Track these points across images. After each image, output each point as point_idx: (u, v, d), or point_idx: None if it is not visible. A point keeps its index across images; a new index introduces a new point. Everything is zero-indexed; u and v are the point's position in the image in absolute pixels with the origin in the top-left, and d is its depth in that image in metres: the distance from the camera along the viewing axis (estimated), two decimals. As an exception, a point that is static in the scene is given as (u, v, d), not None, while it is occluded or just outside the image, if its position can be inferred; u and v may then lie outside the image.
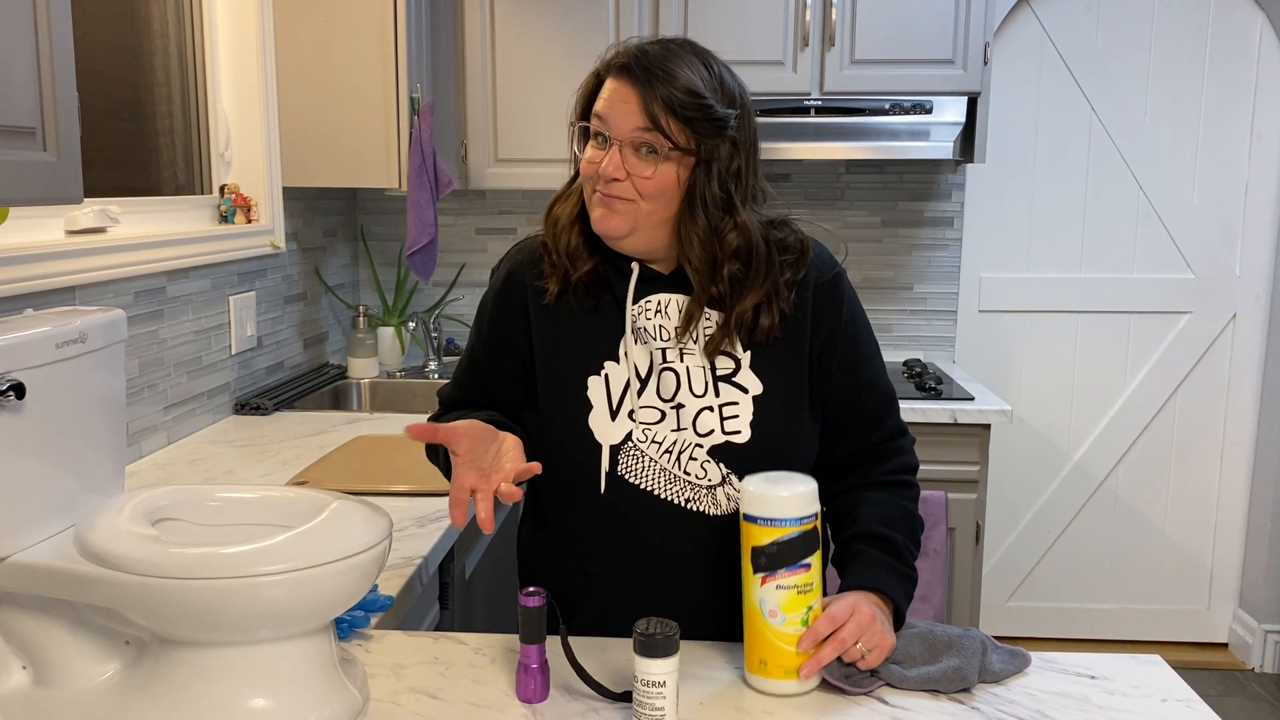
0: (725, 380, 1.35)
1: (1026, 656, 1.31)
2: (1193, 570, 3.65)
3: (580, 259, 1.38)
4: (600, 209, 1.32)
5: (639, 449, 1.34)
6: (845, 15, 2.96)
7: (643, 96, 1.28)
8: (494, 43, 3.07)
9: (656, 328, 1.37)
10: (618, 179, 1.29)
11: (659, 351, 1.36)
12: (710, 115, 1.28)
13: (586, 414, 1.35)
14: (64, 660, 1.17)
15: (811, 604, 1.19)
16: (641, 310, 1.37)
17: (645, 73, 1.28)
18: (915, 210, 3.40)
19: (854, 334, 1.42)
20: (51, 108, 1.18)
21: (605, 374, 1.36)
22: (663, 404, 1.35)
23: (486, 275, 3.50)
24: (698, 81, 1.28)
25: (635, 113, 1.28)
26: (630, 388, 1.36)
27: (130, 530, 1.15)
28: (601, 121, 1.31)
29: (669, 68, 1.28)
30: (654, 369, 1.36)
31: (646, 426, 1.34)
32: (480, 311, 1.48)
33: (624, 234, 1.33)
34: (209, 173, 2.63)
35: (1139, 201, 3.47)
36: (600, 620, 1.38)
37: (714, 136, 1.29)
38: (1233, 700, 3.32)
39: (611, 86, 1.31)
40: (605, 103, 1.31)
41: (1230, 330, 3.52)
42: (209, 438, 2.37)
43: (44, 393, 1.17)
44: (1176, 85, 3.41)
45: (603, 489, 1.35)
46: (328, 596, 1.12)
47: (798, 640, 1.19)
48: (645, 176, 1.29)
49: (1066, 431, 3.59)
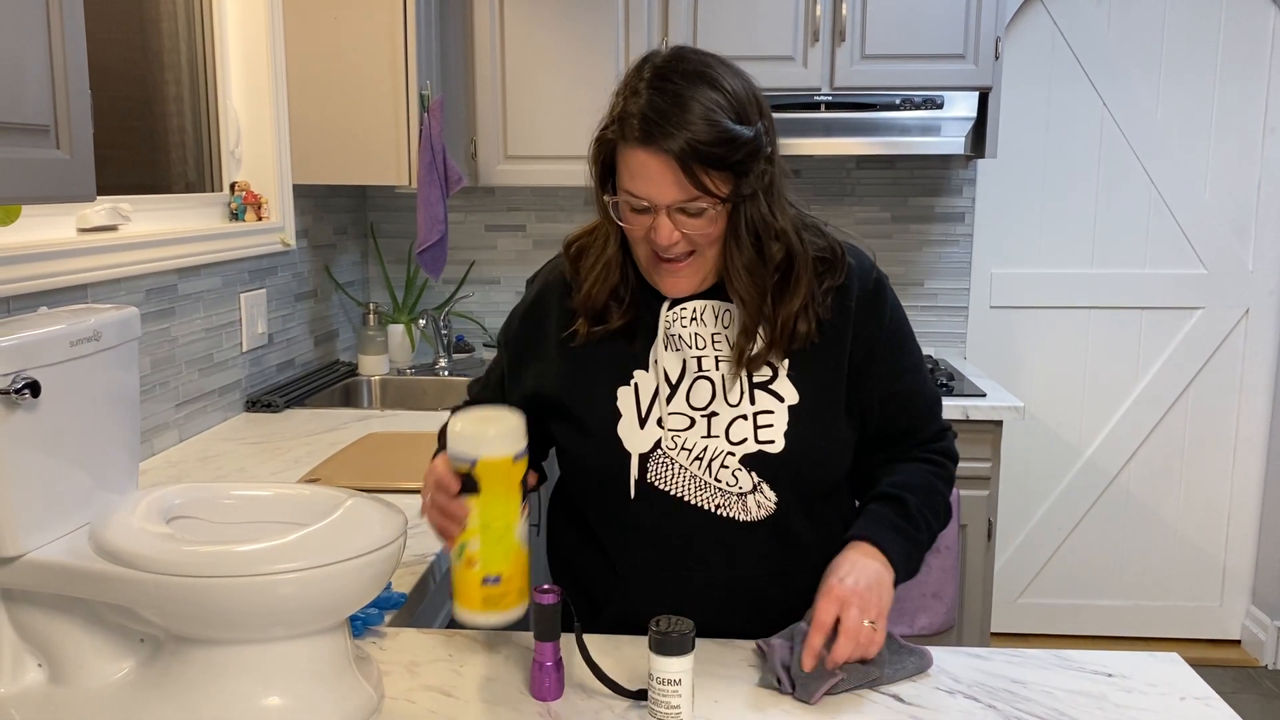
0: (762, 388, 1.33)
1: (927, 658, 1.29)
2: (1205, 566, 3.63)
3: (612, 315, 1.36)
4: (668, 277, 1.31)
5: (668, 456, 1.33)
6: (856, 10, 2.95)
7: (679, 165, 1.21)
8: (503, 39, 3.06)
9: (692, 335, 1.35)
10: (675, 242, 1.26)
11: (694, 359, 1.35)
12: (741, 147, 1.22)
13: (615, 423, 1.34)
14: (79, 658, 1.18)
15: (465, 542, 1.20)
16: (676, 317, 1.36)
17: (668, 138, 1.20)
18: (926, 206, 3.39)
19: (899, 341, 1.40)
20: (64, 106, 1.18)
21: (635, 383, 1.35)
22: (693, 411, 1.34)
23: (496, 272, 3.51)
24: (721, 118, 1.21)
25: (674, 184, 1.22)
26: (659, 395, 1.34)
27: (145, 528, 1.15)
28: (636, 198, 1.26)
29: (688, 116, 1.20)
30: (685, 375, 1.35)
31: (675, 434, 1.33)
32: (508, 326, 1.49)
33: (697, 287, 1.33)
34: (219, 170, 2.63)
35: (1151, 196, 3.45)
36: (629, 617, 1.37)
37: (750, 163, 1.24)
38: (1246, 697, 3.30)
39: (640, 160, 1.23)
40: (639, 180, 1.24)
41: (1243, 325, 3.50)
42: (220, 435, 2.37)
43: (59, 391, 1.17)
44: (1189, 80, 3.39)
45: (632, 495, 1.34)
46: (342, 594, 1.12)
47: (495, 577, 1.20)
48: (700, 232, 1.26)
49: (1078, 428, 3.58)
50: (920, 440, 1.42)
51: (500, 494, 1.18)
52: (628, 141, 1.24)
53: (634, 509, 1.34)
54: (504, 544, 1.19)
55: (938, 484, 1.40)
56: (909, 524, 1.33)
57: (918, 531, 1.34)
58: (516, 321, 1.47)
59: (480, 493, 1.18)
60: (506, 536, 1.19)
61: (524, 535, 1.22)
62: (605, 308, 1.36)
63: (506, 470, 1.18)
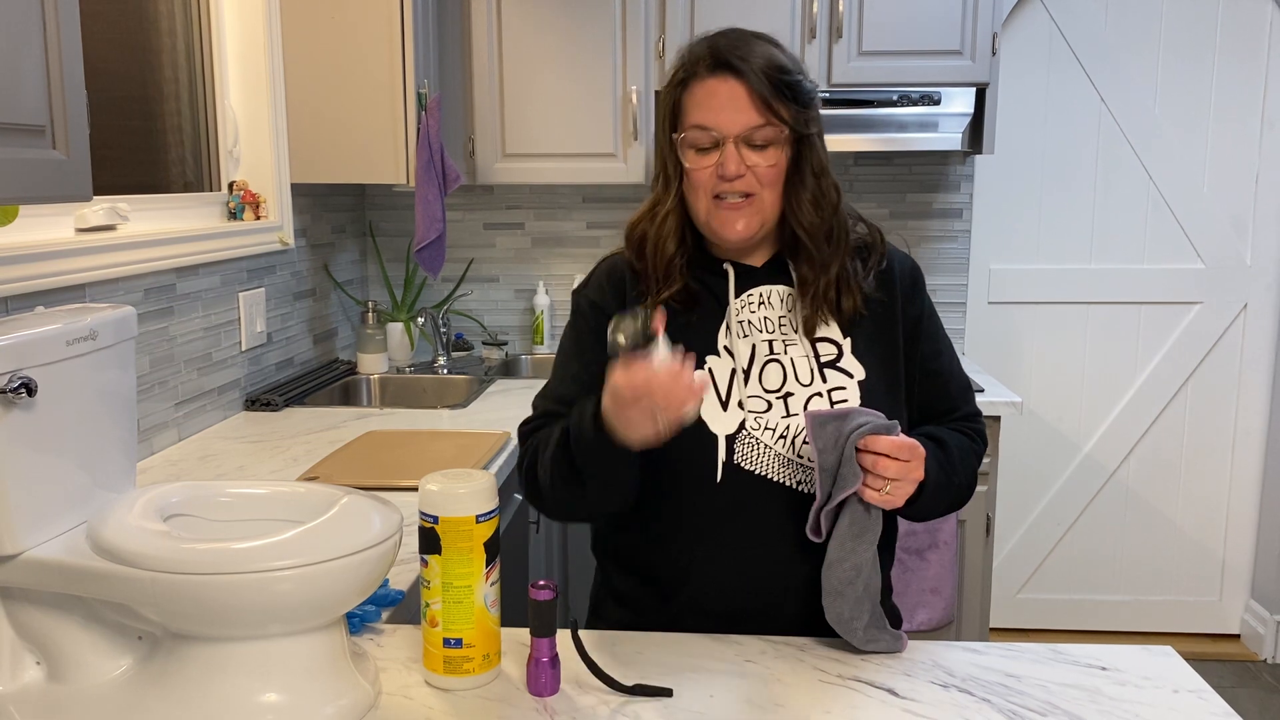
0: (830, 366, 1.37)
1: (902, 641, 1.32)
2: (1204, 561, 3.64)
3: (673, 276, 1.38)
4: (724, 215, 1.34)
5: (753, 437, 1.35)
6: (853, 6, 2.95)
7: (750, 89, 1.29)
8: (501, 38, 3.06)
9: (761, 319, 1.39)
10: (741, 175, 1.31)
11: (764, 343, 1.38)
12: (803, 88, 1.32)
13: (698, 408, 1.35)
14: (77, 655, 1.18)
15: (429, 601, 1.19)
16: (744, 304, 1.39)
17: (741, 61, 1.30)
18: (924, 202, 3.39)
19: (936, 324, 1.47)
20: (61, 106, 1.18)
21: (709, 368, 1.37)
22: (768, 394, 1.36)
23: (495, 270, 3.51)
24: (783, 58, 1.32)
25: (746, 108, 1.30)
26: (736, 378, 1.37)
27: (142, 526, 1.15)
28: (705, 130, 1.31)
29: (754, 52, 1.31)
30: (756, 360, 1.38)
31: (757, 415, 1.35)
32: (572, 328, 1.47)
33: (754, 233, 1.36)
34: (218, 170, 2.63)
35: (1149, 192, 3.45)
36: (701, 600, 1.38)
37: (809, 107, 1.33)
38: (1245, 691, 3.31)
39: (710, 88, 1.31)
40: (709, 110, 1.31)
41: (1241, 320, 3.50)
42: (220, 434, 2.38)
43: (55, 390, 1.18)
44: (1186, 75, 3.39)
45: (719, 479, 1.34)
46: (339, 591, 1.12)
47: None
48: (768, 165, 1.32)
49: (1077, 423, 3.58)
50: (954, 419, 1.46)
51: (462, 554, 1.17)
52: (698, 75, 1.32)
53: (721, 492, 1.34)
54: (464, 606, 1.18)
55: (970, 447, 1.44)
56: (942, 451, 1.36)
57: (945, 461, 1.36)
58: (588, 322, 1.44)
59: (441, 552, 1.17)
60: (467, 599, 1.18)
61: (488, 599, 1.20)
62: (670, 264, 1.38)
63: (469, 530, 1.17)
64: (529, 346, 3.53)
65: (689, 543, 1.38)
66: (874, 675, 1.24)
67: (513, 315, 3.56)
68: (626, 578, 1.46)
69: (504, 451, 2.24)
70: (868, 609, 1.29)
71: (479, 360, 3.39)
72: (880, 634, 1.30)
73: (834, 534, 1.28)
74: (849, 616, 1.28)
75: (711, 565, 1.37)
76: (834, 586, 1.28)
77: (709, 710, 1.16)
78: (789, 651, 1.30)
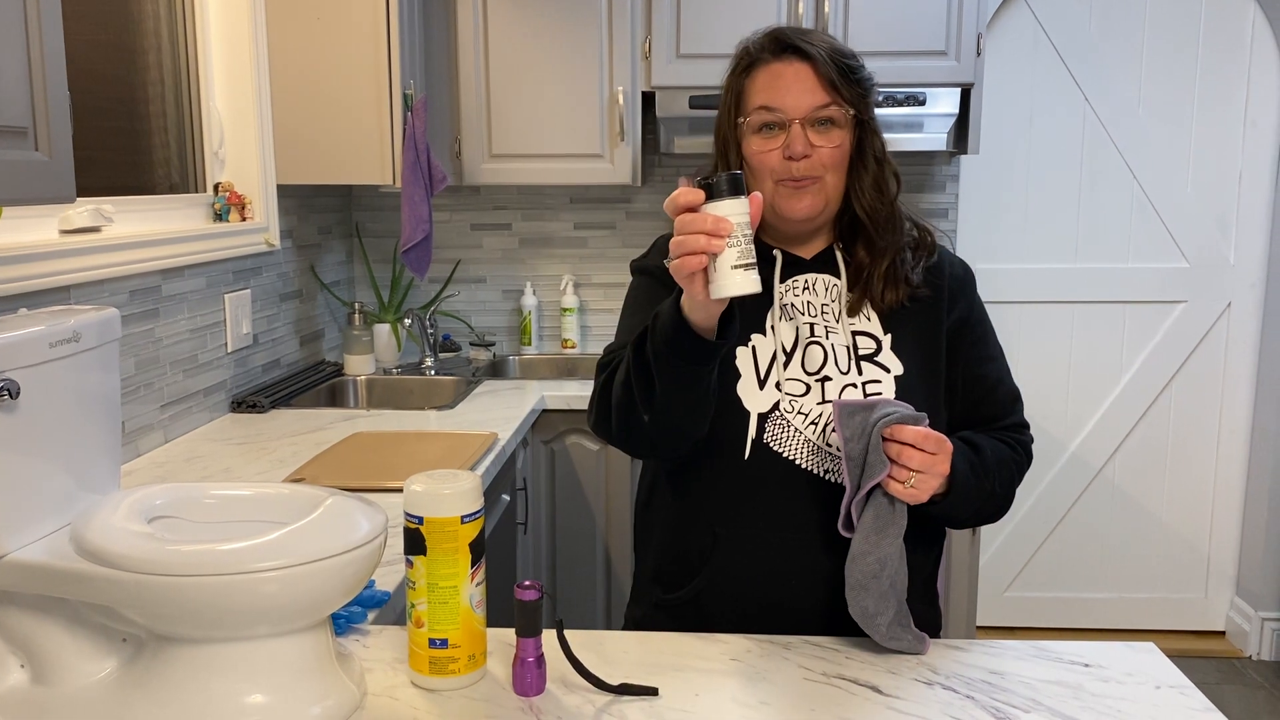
0: (868, 360, 1.39)
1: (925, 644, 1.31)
2: (1190, 559, 3.66)
3: None
4: (792, 197, 1.36)
5: (785, 419, 1.36)
6: (838, 7, 2.96)
7: (816, 70, 1.34)
8: (487, 38, 3.07)
9: (805, 304, 1.41)
10: (807, 155, 1.33)
11: (806, 326, 1.40)
12: (863, 74, 1.37)
13: (735, 382, 1.37)
14: (62, 658, 1.18)
15: (414, 601, 1.19)
16: (790, 288, 1.41)
17: (807, 45, 1.34)
18: (910, 202, 3.36)
19: (986, 328, 1.47)
20: (43, 107, 1.18)
21: (753, 345, 1.39)
22: (808, 377, 1.38)
23: (482, 271, 3.51)
24: (844, 46, 1.37)
25: (813, 88, 1.34)
26: (777, 360, 1.38)
27: (126, 528, 1.15)
28: (771, 111, 1.35)
29: (817, 38, 1.36)
30: (799, 343, 1.39)
31: (793, 398, 1.36)
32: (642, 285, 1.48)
33: (818, 212, 1.38)
34: (203, 171, 2.63)
35: (1133, 191, 3.47)
36: (722, 582, 1.38)
37: (869, 93, 1.37)
38: (1230, 688, 3.33)
39: (775, 71, 1.36)
40: (775, 92, 1.35)
41: (1225, 319, 3.52)
42: (206, 436, 2.37)
43: (38, 392, 1.17)
44: (1169, 74, 3.41)
45: (747, 455, 1.35)
46: (324, 592, 1.12)
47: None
48: (833, 146, 1.35)
49: (1063, 421, 3.60)
50: (999, 428, 1.44)
51: (447, 555, 1.17)
52: (763, 60, 1.37)
53: (747, 469, 1.35)
54: (450, 607, 1.18)
55: (1011, 457, 1.41)
56: (976, 454, 1.34)
57: (979, 465, 1.34)
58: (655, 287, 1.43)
59: (426, 553, 1.17)
60: (453, 599, 1.18)
61: (474, 600, 1.20)
62: None
63: (454, 531, 1.17)
64: (517, 347, 3.53)
65: (712, 520, 1.39)
66: (858, 673, 1.25)
67: (500, 316, 3.56)
68: (657, 560, 1.47)
69: (491, 452, 2.24)
70: (893, 605, 1.28)
71: (466, 361, 3.39)
72: (903, 633, 1.29)
73: (858, 527, 1.27)
74: (873, 612, 1.27)
75: (733, 546, 1.38)
76: (858, 580, 1.27)
77: (695, 709, 1.16)
78: (774, 650, 1.31)
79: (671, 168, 3.42)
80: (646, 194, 3.45)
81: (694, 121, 3.03)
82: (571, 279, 3.48)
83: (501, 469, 2.32)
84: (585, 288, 3.51)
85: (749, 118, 1.36)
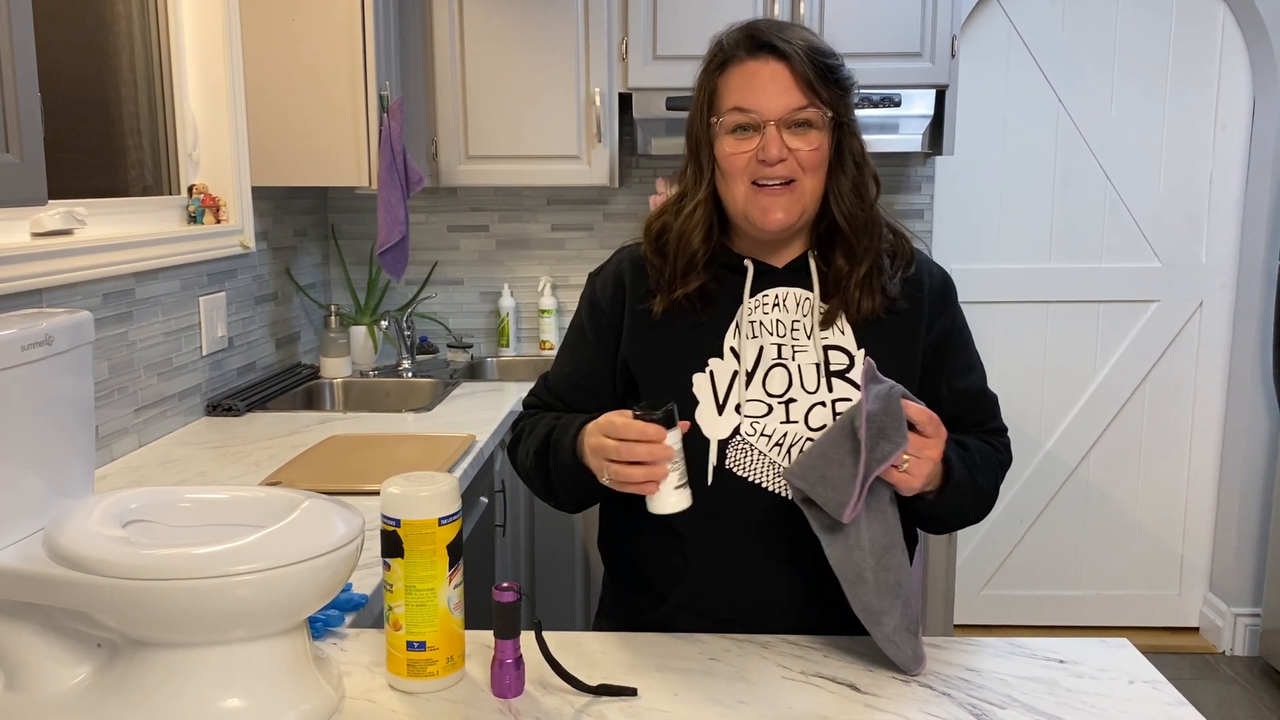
0: (839, 376, 1.35)
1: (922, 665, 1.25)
2: (1164, 556, 3.69)
3: (694, 273, 1.37)
4: (764, 202, 1.31)
5: (747, 442, 1.34)
6: (814, 9, 2.97)
7: (794, 70, 1.28)
8: (463, 39, 3.06)
9: (774, 322, 1.37)
10: (782, 159, 1.29)
11: (772, 346, 1.36)
12: (844, 73, 1.32)
13: (693, 410, 1.35)
14: (35, 664, 1.17)
15: (392, 604, 1.19)
16: (759, 304, 1.38)
17: (783, 43, 1.28)
18: (885, 203, 3.38)
19: (966, 341, 1.44)
20: (13, 109, 1.17)
21: (710, 370, 1.36)
22: (770, 398, 1.35)
23: (459, 273, 3.50)
24: (822, 44, 1.31)
25: (789, 89, 1.29)
26: (737, 380, 1.35)
27: (100, 532, 1.14)
28: (745, 112, 1.30)
29: (794, 31, 1.30)
30: (762, 363, 1.36)
31: (754, 420, 1.34)
32: (583, 317, 1.46)
33: (794, 222, 1.33)
34: (177, 173, 2.61)
35: (1106, 192, 3.50)
36: (695, 603, 1.37)
37: (848, 94, 1.33)
38: (1204, 683, 3.36)
39: (751, 70, 1.30)
40: (751, 92, 1.30)
41: (1197, 318, 3.56)
42: (181, 440, 2.35)
43: (10, 396, 1.16)
44: (1141, 77, 3.44)
45: (710, 482, 1.33)
46: (300, 595, 1.12)
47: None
48: (809, 149, 1.30)
49: (1038, 420, 3.62)
50: (982, 432, 1.44)
51: (425, 557, 1.17)
52: (738, 58, 1.31)
53: (710, 497, 1.33)
54: (428, 609, 1.18)
55: (995, 456, 1.41)
56: (967, 454, 1.34)
57: (968, 459, 1.33)
58: (601, 310, 1.44)
59: (404, 555, 1.17)
60: (430, 602, 1.18)
61: (452, 602, 1.20)
62: (692, 259, 1.36)
63: (432, 533, 1.16)
64: (494, 349, 3.52)
65: (680, 545, 1.37)
66: (836, 671, 1.25)
67: (478, 318, 3.55)
68: (626, 579, 1.46)
69: (469, 454, 2.23)
70: (899, 606, 1.23)
71: (444, 363, 3.38)
72: (909, 640, 1.23)
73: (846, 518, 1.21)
74: (878, 609, 1.22)
75: (702, 570, 1.37)
76: (854, 574, 1.22)
77: (674, 709, 1.17)
78: (752, 649, 1.31)
79: (649, 169, 3.43)
80: (624, 195, 3.45)
81: (671, 123, 3.04)
82: (549, 280, 3.48)
83: (480, 471, 2.32)
84: (563, 289, 3.51)
85: (722, 118, 1.32)
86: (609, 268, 1.47)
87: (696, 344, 1.37)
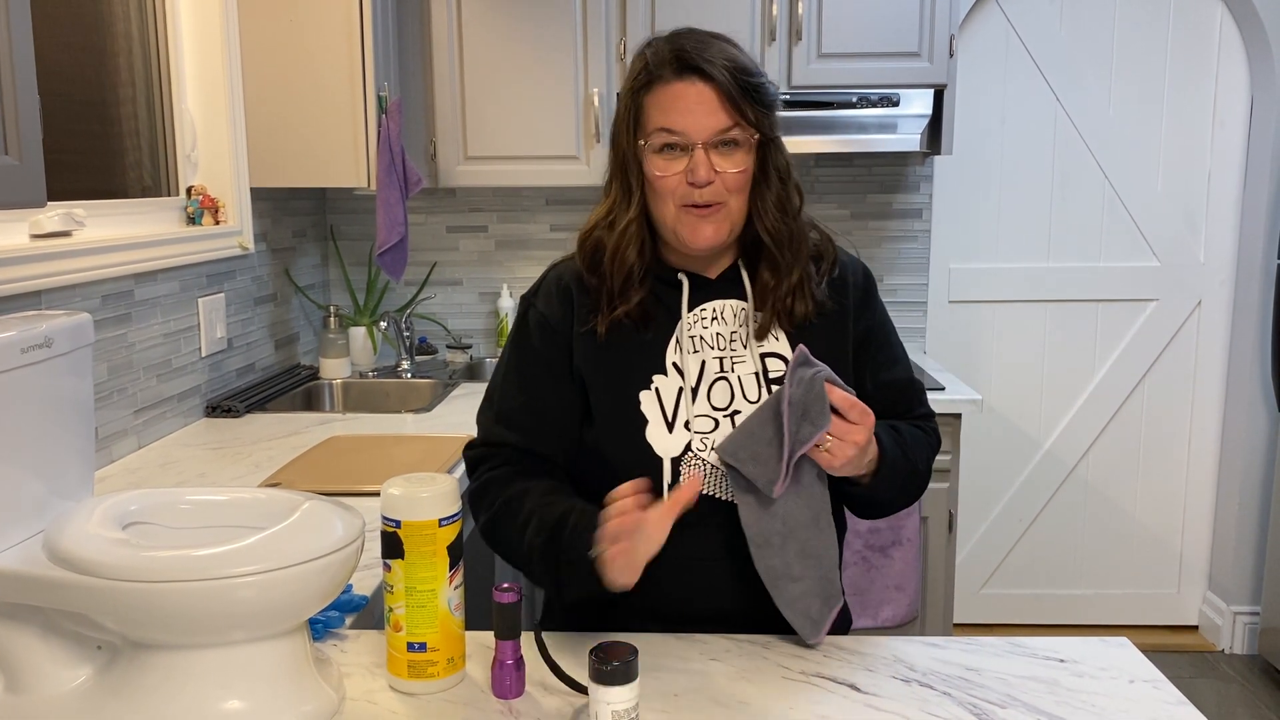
0: (779, 382, 1.36)
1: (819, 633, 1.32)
2: (1163, 554, 3.70)
3: (633, 289, 1.36)
4: (693, 222, 1.32)
5: (699, 458, 1.35)
6: (812, 9, 2.97)
7: (720, 91, 1.28)
8: (461, 40, 3.06)
9: (714, 335, 1.38)
10: (711, 181, 1.29)
11: (714, 360, 1.37)
12: (767, 90, 1.32)
13: (643, 429, 1.35)
14: (35, 666, 1.17)
15: (392, 605, 1.19)
16: (697, 319, 1.38)
17: (707, 64, 1.28)
18: (884, 202, 3.42)
19: (889, 331, 1.47)
20: (12, 110, 1.17)
21: (655, 387, 1.36)
22: (716, 412, 1.36)
23: (458, 273, 3.50)
24: (745, 60, 1.31)
25: (714, 110, 1.28)
26: (684, 396, 1.36)
27: (100, 534, 1.14)
28: (672, 134, 1.29)
29: (718, 49, 1.30)
30: (705, 378, 1.37)
31: (703, 435, 1.35)
32: (534, 342, 1.43)
33: (722, 240, 1.34)
34: (175, 174, 2.61)
35: (1105, 191, 3.51)
36: (651, 610, 1.37)
37: (772, 109, 1.33)
38: (1204, 681, 3.37)
39: (677, 92, 1.29)
40: (677, 114, 1.29)
41: (1196, 316, 3.56)
42: (180, 441, 2.35)
43: (9, 398, 1.16)
44: (1139, 75, 3.44)
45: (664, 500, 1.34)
46: (300, 597, 1.12)
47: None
48: (736, 170, 1.30)
49: (1037, 419, 3.62)
50: (911, 419, 1.47)
51: (424, 558, 1.17)
52: (664, 79, 1.30)
53: None
54: (428, 610, 1.18)
55: (924, 439, 1.44)
56: (899, 436, 1.37)
57: (900, 442, 1.36)
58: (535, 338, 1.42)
59: (404, 556, 1.17)
60: (431, 603, 1.18)
61: (452, 603, 1.20)
62: (629, 275, 1.36)
63: (432, 534, 1.17)
64: (493, 349, 3.52)
65: None
66: (836, 671, 1.26)
67: (477, 318, 3.55)
68: None
69: (468, 455, 2.23)
70: (814, 575, 1.28)
71: (443, 364, 3.38)
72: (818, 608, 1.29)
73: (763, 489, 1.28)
74: (781, 572, 1.28)
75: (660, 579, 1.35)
76: (761, 538, 1.28)
77: (674, 709, 1.17)
78: (753, 649, 1.31)
79: (647, 169, 3.42)
80: (622, 195, 3.44)
81: (669, 123, 3.03)
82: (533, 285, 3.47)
83: (479, 472, 2.31)
84: (562, 289, 3.50)
85: (649, 139, 1.31)
86: (548, 287, 1.45)
87: (640, 362, 1.37)
